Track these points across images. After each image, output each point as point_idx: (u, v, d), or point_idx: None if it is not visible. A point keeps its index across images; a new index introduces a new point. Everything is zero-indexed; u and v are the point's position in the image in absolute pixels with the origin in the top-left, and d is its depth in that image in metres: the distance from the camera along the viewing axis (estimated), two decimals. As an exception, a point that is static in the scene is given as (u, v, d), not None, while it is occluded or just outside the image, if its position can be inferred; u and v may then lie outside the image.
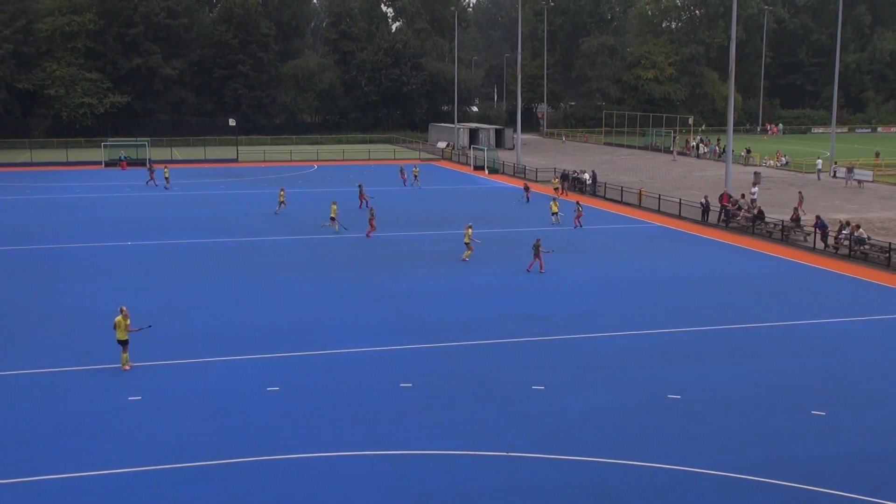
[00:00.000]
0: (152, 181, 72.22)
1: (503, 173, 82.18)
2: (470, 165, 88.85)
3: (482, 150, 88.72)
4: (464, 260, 41.32)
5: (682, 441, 20.74)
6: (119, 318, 25.86)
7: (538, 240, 39.77)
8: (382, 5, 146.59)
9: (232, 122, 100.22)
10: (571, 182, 69.56)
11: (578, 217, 51.01)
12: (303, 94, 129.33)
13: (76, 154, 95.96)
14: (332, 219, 49.71)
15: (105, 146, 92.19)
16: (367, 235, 47.74)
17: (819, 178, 77.14)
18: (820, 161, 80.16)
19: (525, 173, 78.75)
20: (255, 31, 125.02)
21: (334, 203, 50.62)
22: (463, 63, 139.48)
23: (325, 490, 18.38)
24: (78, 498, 18.05)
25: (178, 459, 19.79)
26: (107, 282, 37.44)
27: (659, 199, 58.38)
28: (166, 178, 71.39)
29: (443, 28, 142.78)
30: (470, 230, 41.89)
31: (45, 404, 23.21)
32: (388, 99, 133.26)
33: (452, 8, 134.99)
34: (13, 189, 70.05)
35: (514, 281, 37.43)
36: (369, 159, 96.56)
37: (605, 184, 66.60)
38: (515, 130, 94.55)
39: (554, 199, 55.46)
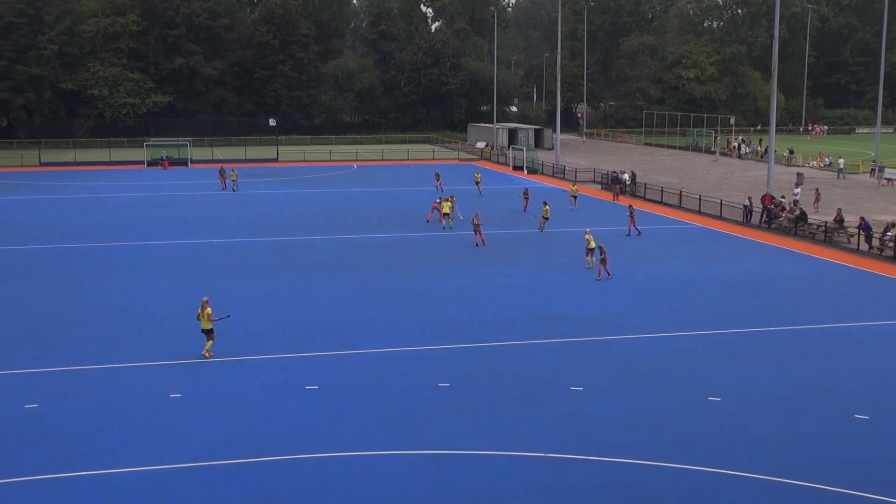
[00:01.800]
0: (225, 187, 69.51)
1: (542, 173, 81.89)
2: (509, 166, 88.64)
3: (521, 150, 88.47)
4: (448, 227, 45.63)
5: (720, 443, 20.49)
6: (199, 309, 26.33)
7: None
8: (422, 5, 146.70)
9: (272, 122, 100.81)
10: (611, 182, 69.13)
11: (633, 222, 49.36)
12: (342, 94, 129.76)
13: (119, 154, 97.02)
14: (446, 214, 49.83)
15: (147, 146, 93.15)
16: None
17: (840, 178, 76.56)
18: (842, 160, 79.58)
19: (564, 173, 78.41)
20: (296, 32, 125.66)
21: (451, 198, 51.29)
22: (502, 63, 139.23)
23: (361, 489, 18.37)
24: (116, 494, 18.20)
25: (215, 457, 19.90)
26: (148, 280, 37.82)
27: (699, 199, 57.83)
28: (234, 182, 69.08)
29: (482, 28, 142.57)
30: (451, 201, 47.74)
31: (87, 401, 23.45)
32: (428, 99, 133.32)
33: (492, 8, 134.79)
34: (57, 188, 70.97)
35: (550, 281, 37.25)
36: (408, 159, 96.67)
37: (645, 184, 66.15)
38: (555, 130, 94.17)
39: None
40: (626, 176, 68.00)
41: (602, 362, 26.61)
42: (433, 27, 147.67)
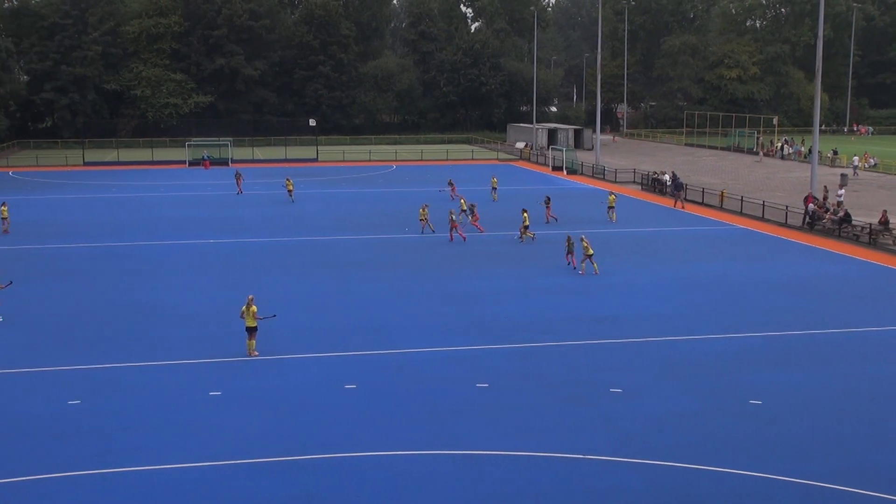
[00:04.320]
0: (241, 192, 66.71)
1: (582, 174, 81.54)
2: (548, 166, 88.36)
3: (561, 150, 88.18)
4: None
5: (762, 447, 20.24)
6: (244, 307, 26.51)
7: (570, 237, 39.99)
8: (462, 6, 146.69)
9: (312, 123, 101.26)
10: (651, 183, 68.71)
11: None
12: (382, 95, 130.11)
13: (161, 153, 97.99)
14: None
15: (189, 146, 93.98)
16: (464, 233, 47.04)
17: (855, 175, 76.17)
18: (856, 158, 78.90)
19: (604, 174, 78.02)
20: (336, 33, 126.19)
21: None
22: (542, 63, 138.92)
23: (399, 489, 18.37)
24: (157, 491, 18.35)
25: (254, 454, 19.99)
26: (190, 278, 38.15)
27: (741, 200, 57.25)
28: (290, 191, 62.45)
29: (522, 28, 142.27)
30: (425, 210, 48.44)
31: (128, 398, 23.68)
32: (467, 99, 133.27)
33: (532, 8, 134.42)
34: (100, 187, 71.82)
35: (590, 282, 37.05)
36: (447, 159, 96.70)
37: (686, 185, 65.59)
38: (595, 131, 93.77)
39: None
40: (667, 177, 67.52)
41: (642, 364, 26.41)
42: (473, 27, 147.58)
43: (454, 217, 46.72)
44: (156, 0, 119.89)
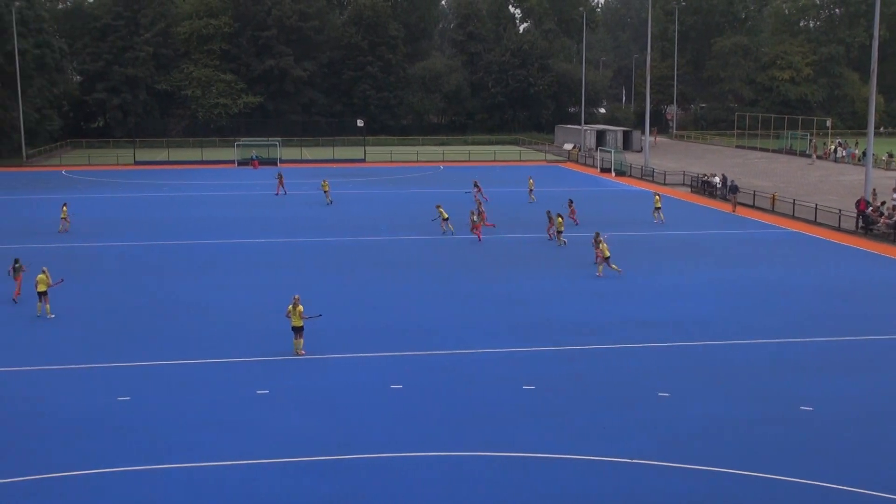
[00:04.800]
0: (281, 193, 66.44)
1: (630, 176, 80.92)
2: (596, 167, 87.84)
3: (609, 151, 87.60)
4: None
5: (814, 455, 19.88)
6: (290, 306, 26.64)
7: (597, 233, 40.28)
8: (510, 6, 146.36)
9: (360, 123, 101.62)
10: (701, 185, 68.00)
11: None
12: (430, 96, 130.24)
13: (210, 153, 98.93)
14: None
15: (238, 146, 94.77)
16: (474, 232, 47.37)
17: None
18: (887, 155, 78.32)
19: (653, 176, 77.36)
20: (384, 33, 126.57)
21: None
22: (591, 64, 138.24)
23: (444, 490, 18.32)
24: (205, 487, 18.49)
25: (301, 453, 20.06)
26: (238, 277, 38.47)
27: (793, 203, 56.39)
28: (326, 193, 62.09)
29: (571, 29, 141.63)
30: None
31: (177, 395, 23.91)
32: (515, 100, 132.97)
33: (581, 8, 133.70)
34: (151, 186, 72.66)
35: (637, 285, 36.71)
36: (494, 160, 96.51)
37: (737, 187, 64.75)
38: (643, 132, 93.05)
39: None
40: (717, 179, 66.77)
41: (690, 368, 26.10)
42: (521, 28, 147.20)
43: (474, 218, 47.41)
44: (206, 1, 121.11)
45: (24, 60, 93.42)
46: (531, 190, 63.20)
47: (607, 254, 38.18)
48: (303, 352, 27.05)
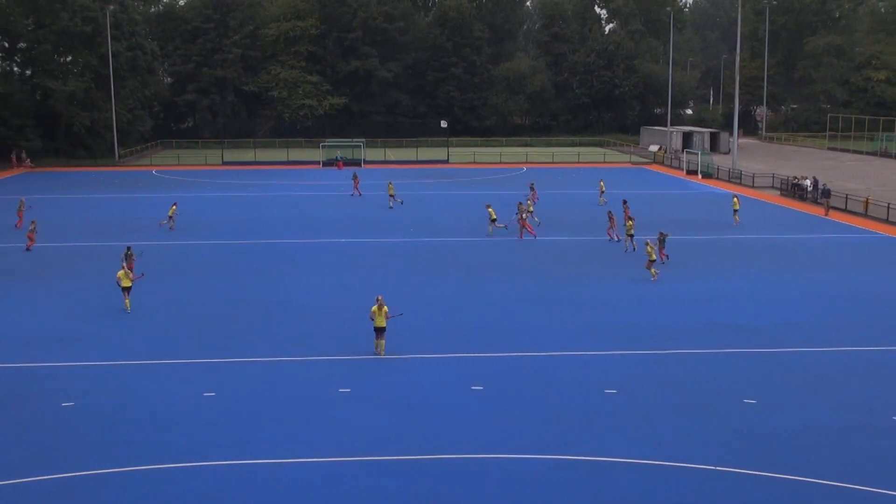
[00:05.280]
0: (357, 192, 66.30)
1: (717, 178, 79.44)
2: (682, 170, 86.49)
3: (696, 153, 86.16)
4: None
5: (908, 467, 19.16)
6: (375, 307, 26.76)
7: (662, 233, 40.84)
8: (596, 7, 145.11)
9: (444, 124, 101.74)
10: (791, 188, 66.41)
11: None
12: (513, 97, 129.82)
13: (296, 154, 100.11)
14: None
15: (323, 146, 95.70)
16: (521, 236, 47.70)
17: None
18: None
19: (741, 178, 75.84)
20: (469, 35, 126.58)
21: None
22: (678, 65, 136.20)
23: (522, 492, 18.19)
24: (287, 483, 18.70)
25: (381, 452, 20.12)
26: (321, 276, 38.82)
27: (888, 207, 54.66)
28: (392, 196, 60.85)
29: (658, 29, 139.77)
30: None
31: (261, 391, 24.22)
32: (600, 101, 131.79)
33: (668, 8, 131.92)
34: (238, 186, 73.82)
35: (722, 289, 35.97)
36: (578, 162, 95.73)
37: (829, 190, 63.09)
38: (732, 134, 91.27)
39: (734, 199, 53.52)
40: (808, 182, 65.14)
41: (778, 375, 25.46)
42: (607, 28, 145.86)
43: (524, 216, 48.04)
44: (294, 4, 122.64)
45: (117, 62, 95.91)
46: (602, 192, 62.43)
47: (653, 257, 37.76)
48: (382, 352, 27.11)
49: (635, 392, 24.02)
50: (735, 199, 53.75)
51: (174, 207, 52.03)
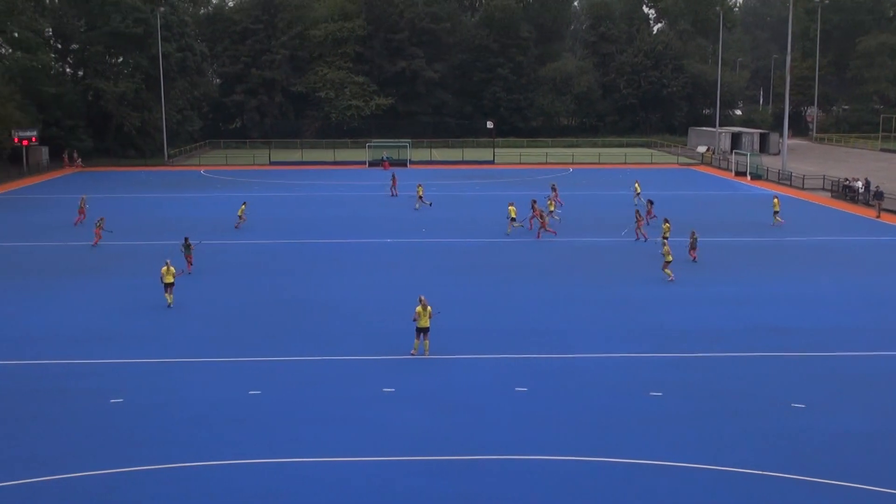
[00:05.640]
0: (394, 193, 66.13)
1: (767, 179, 78.47)
2: (731, 171, 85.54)
3: (744, 154, 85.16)
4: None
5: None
6: (419, 307, 26.80)
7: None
8: (644, 7, 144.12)
9: (490, 125, 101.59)
10: (843, 190, 65.38)
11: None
12: (560, 97, 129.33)
13: (342, 154, 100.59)
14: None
15: (369, 147, 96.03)
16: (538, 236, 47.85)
17: None
18: None
19: (791, 180, 74.83)
20: (515, 35, 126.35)
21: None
22: (727, 65, 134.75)
23: (563, 494, 18.11)
24: (331, 482, 18.77)
25: (425, 452, 20.14)
26: (366, 276, 38.91)
27: (941, 210, 53.61)
28: (420, 197, 60.53)
29: (706, 29, 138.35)
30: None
31: (306, 390, 24.36)
32: (647, 102, 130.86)
33: (718, 8, 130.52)
34: (284, 186, 74.30)
35: (764, 291, 35.50)
36: (625, 163, 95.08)
37: (882, 192, 62.00)
38: (781, 135, 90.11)
39: (775, 200, 52.83)
40: (860, 184, 64.09)
41: (825, 379, 25.08)
42: (655, 28, 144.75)
43: (543, 216, 48.29)
44: (341, 5, 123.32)
45: (167, 63, 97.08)
46: (637, 193, 61.81)
47: (669, 258, 37.53)
48: (415, 352, 27.17)
49: (676, 395, 23.78)
50: (775, 200, 53.09)
51: (244, 206, 52.66)
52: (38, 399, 23.67)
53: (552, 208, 52.56)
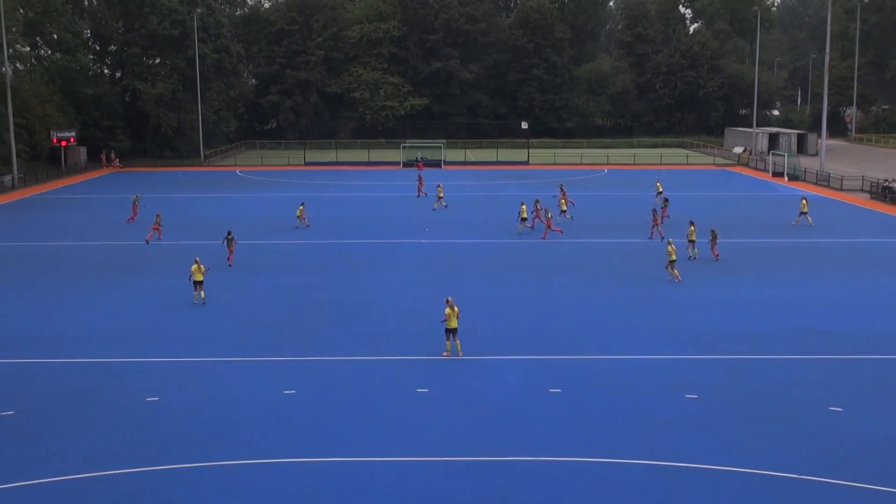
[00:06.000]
0: (423, 194, 65.93)
1: (804, 180, 77.67)
2: (768, 172, 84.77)
3: (782, 155, 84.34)
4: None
5: None
6: (448, 309, 26.86)
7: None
8: (680, 6, 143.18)
9: (524, 125, 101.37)
10: (882, 191, 64.58)
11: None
12: (595, 98, 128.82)
13: (377, 154, 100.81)
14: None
15: (404, 147, 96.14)
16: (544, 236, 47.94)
17: None
18: None
19: (829, 181, 74.01)
20: (550, 36, 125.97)
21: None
22: (764, 65, 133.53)
23: (598, 497, 18.04)
24: (364, 482, 18.84)
25: (457, 453, 20.14)
26: (400, 276, 38.98)
27: (983, 211, 52.81)
28: (440, 198, 60.57)
29: (744, 29, 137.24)
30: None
31: (341, 390, 24.45)
32: (683, 102, 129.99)
33: (755, 8, 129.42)
34: (319, 186, 74.60)
35: (804, 294, 35.13)
36: (661, 164, 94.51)
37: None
38: (820, 135, 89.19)
39: (803, 200, 52.49)
40: (899, 184, 63.30)
41: (865, 383, 24.79)
42: (691, 28, 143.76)
43: (549, 215, 48.46)
44: (376, 6, 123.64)
45: (203, 65, 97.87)
46: (659, 193, 61.34)
47: (673, 257, 37.49)
48: (447, 354, 27.18)
49: (713, 397, 23.61)
50: (804, 201, 52.57)
51: (302, 207, 52.87)
52: (77, 397, 23.93)
53: (564, 208, 52.83)
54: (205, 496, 18.20)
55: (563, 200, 54.21)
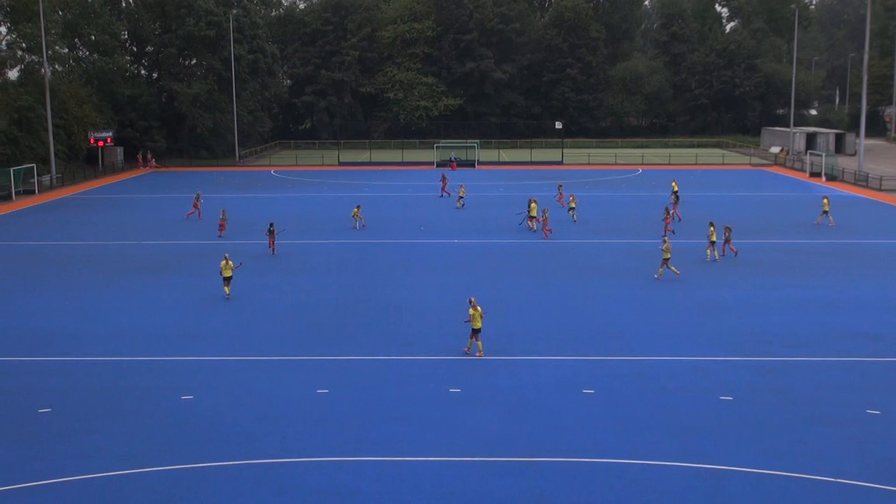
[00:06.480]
0: (445, 193, 66.47)
1: (843, 181, 76.81)
2: (805, 172, 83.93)
3: (819, 155, 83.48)
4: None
5: None
6: (471, 309, 26.89)
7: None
8: (717, 5, 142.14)
9: (558, 125, 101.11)
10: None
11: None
12: (630, 97, 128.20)
13: (410, 154, 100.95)
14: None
15: (437, 147, 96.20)
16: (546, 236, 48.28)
17: None
18: None
19: (868, 181, 73.14)
20: (585, 35, 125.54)
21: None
22: (802, 64, 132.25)
23: (633, 498, 17.89)
24: (397, 481, 18.85)
25: (491, 453, 20.11)
26: (434, 276, 38.96)
27: None
28: (461, 197, 61.02)
29: (781, 27, 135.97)
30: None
31: (373, 389, 24.48)
32: (719, 102, 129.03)
33: (793, 6, 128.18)
34: (353, 186, 74.80)
35: (845, 296, 34.69)
36: (696, 164, 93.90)
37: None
38: (858, 135, 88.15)
39: (825, 199, 52.11)
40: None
41: (904, 385, 24.41)
42: (728, 27, 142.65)
43: (547, 214, 49.00)
44: (410, 6, 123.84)
45: (239, 65, 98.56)
46: (675, 191, 60.71)
47: (667, 255, 37.59)
48: (480, 354, 27.12)
49: (750, 399, 23.39)
50: (825, 200, 51.98)
51: (358, 209, 52.92)
52: (113, 395, 24.16)
53: (573, 205, 53.97)
54: (242, 494, 18.31)
55: (570, 199, 54.97)
